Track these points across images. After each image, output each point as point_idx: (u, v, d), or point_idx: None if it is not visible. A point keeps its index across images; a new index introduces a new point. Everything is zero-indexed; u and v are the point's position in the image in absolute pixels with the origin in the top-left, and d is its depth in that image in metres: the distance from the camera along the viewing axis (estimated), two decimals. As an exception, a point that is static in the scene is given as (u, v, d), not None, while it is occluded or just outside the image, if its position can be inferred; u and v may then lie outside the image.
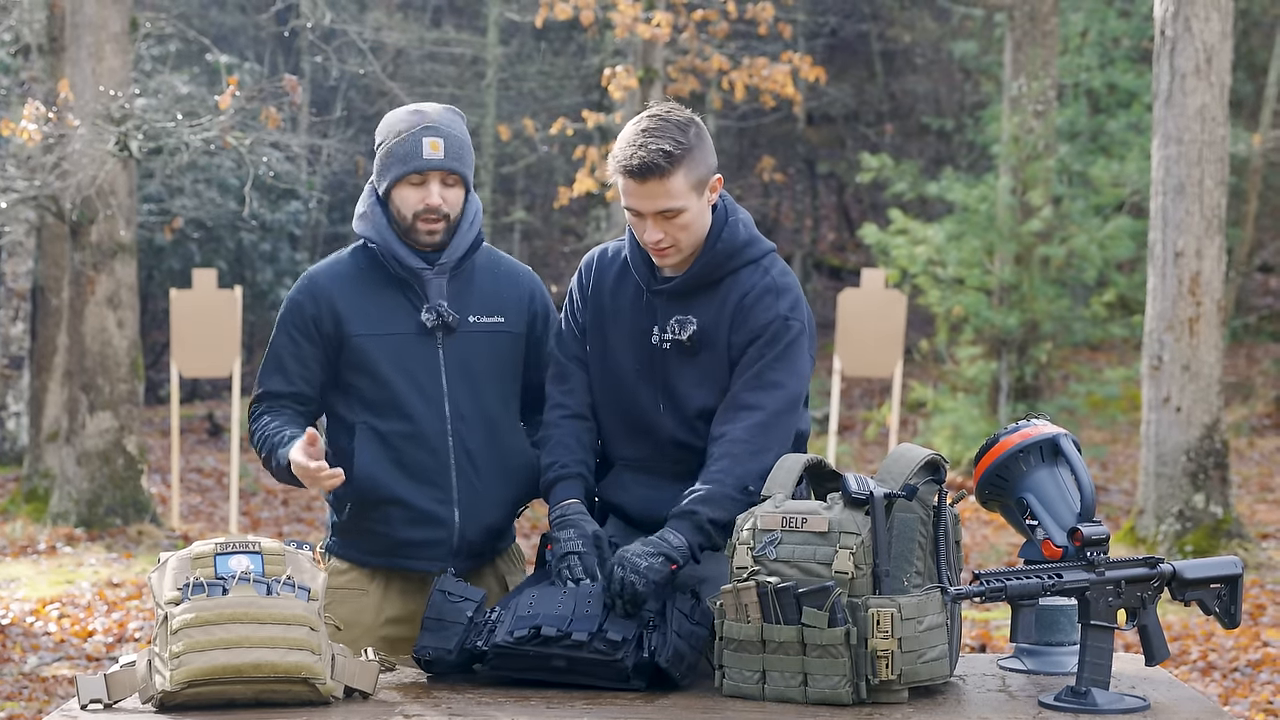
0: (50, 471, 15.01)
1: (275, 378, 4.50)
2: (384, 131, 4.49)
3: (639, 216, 4.22)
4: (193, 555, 3.87)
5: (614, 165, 4.22)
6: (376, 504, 4.41)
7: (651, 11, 15.34)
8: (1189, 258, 11.66)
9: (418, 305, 4.45)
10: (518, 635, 3.99)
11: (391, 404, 4.42)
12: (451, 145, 4.41)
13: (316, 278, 4.51)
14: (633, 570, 4.01)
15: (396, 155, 4.41)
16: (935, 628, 3.83)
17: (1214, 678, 8.84)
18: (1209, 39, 11.57)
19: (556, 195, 17.27)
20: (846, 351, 14.84)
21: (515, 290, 4.60)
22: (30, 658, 9.52)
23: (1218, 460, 11.77)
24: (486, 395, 4.49)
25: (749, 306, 4.26)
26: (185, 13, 23.18)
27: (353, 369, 4.45)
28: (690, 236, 4.24)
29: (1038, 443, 4.04)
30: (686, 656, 4.00)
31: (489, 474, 4.47)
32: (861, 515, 3.83)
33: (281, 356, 4.50)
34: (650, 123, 4.20)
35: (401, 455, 4.41)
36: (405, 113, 4.48)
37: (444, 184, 4.43)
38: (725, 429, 4.22)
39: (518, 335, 4.57)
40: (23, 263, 17.28)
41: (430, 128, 4.41)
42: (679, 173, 4.15)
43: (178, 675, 3.73)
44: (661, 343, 4.33)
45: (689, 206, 4.19)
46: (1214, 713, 3.85)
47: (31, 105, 12.24)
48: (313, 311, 4.46)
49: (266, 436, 4.44)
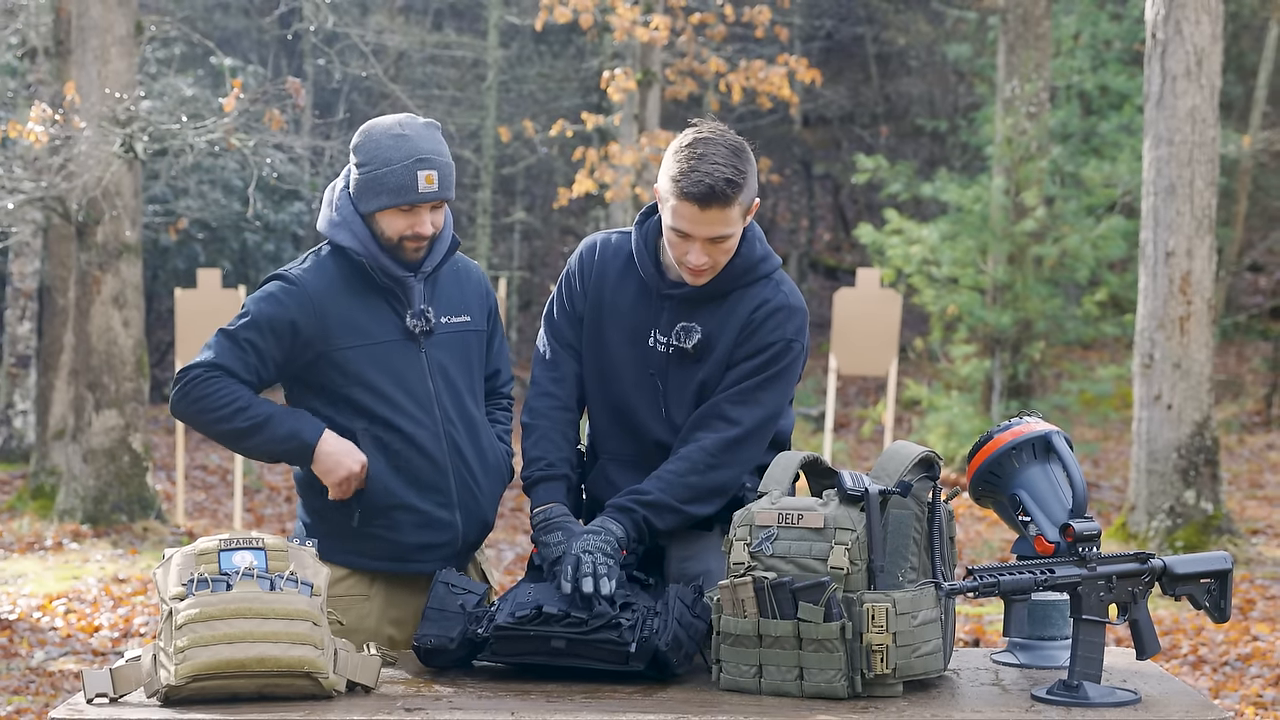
0: (57, 469, 15.05)
1: (236, 363, 4.37)
2: (369, 155, 4.38)
3: (685, 238, 4.16)
4: (197, 551, 3.88)
5: (671, 187, 4.12)
6: (385, 511, 4.40)
7: (650, 15, 15.34)
8: (1180, 257, 11.65)
9: (400, 312, 4.43)
10: (520, 615, 4.00)
11: (390, 411, 4.40)
12: (443, 175, 4.36)
13: (303, 285, 4.41)
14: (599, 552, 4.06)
15: (388, 185, 4.34)
16: (929, 622, 3.84)
17: (1204, 671, 8.85)
18: (1199, 42, 11.57)
19: (556, 196, 17.19)
20: (842, 350, 14.83)
21: (475, 288, 4.61)
22: (37, 652, 9.53)
23: (1208, 457, 11.76)
24: (464, 395, 4.52)
25: (759, 322, 4.26)
26: (190, 16, 23.09)
27: (343, 379, 4.40)
28: (727, 258, 4.22)
29: (1030, 440, 4.06)
30: (685, 645, 3.99)
31: (478, 473, 4.51)
32: (857, 511, 3.84)
33: (242, 346, 4.37)
34: (707, 148, 4.11)
35: (405, 462, 4.41)
36: (390, 138, 4.37)
37: (437, 209, 4.41)
38: (698, 434, 4.25)
39: (482, 333, 4.60)
40: (29, 263, 17.27)
41: (423, 160, 4.33)
42: (738, 202, 4.11)
43: (182, 670, 3.74)
44: (661, 346, 4.32)
45: (737, 233, 4.18)
46: (1204, 706, 3.84)
47: (38, 107, 12.24)
48: (294, 318, 4.37)
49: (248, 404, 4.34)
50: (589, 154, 15.72)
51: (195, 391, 4.35)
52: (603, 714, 3.75)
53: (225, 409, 4.35)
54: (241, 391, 4.36)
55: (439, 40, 25.01)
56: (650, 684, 4.00)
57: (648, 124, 15.97)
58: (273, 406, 4.39)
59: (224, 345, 4.38)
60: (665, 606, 4.00)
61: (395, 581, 4.48)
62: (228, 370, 4.35)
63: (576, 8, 15.25)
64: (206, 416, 4.37)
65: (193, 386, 4.35)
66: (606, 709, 3.79)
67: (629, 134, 16.66)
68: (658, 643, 3.95)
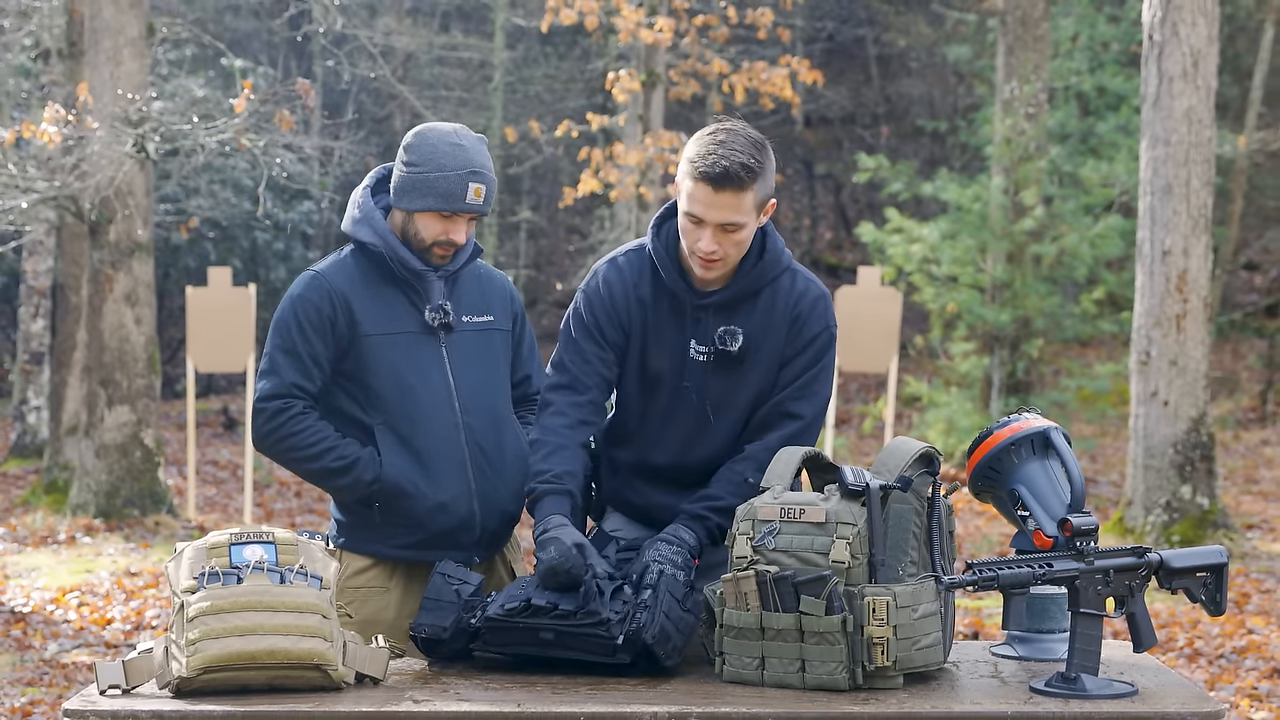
0: (70, 464, 15.07)
1: (299, 376, 4.43)
2: (423, 157, 4.44)
3: (697, 224, 4.16)
4: (208, 545, 3.89)
5: (688, 169, 4.14)
6: (404, 503, 4.45)
7: (654, 17, 15.37)
8: (1176, 256, 11.67)
9: (419, 305, 4.49)
10: (509, 608, 4.02)
11: (407, 402, 4.45)
12: (489, 190, 4.45)
13: (328, 278, 4.47)
14: (671, 566, 4.06)
15: (437, 189, 4.41)
16: (929, 615, 3.85)
17: (1200, 664, 8.86)
18: (1195, 43, 11.59)
19: (561, 195, 17.11)
20: (843, 347, 14.75)
21: (498, 291, 4.67)
22: (50, 644, 9.57)
23: (1204, 453, 11.78)
24: (486, 390, 4.55)
25: (805, 314, 4.30)
26: (201, 18, 23.12)
27: (367, 369, 4.45)
28: (738, 253, 4.21)
29: (1029, 436, 4.08)
30: (673, 638, 3.98)
31: (499, 465, 4.53)
32: (858, 506, 3.84)
33: (299, 354, 4.43)
34: (728, 136, 4.14)
35: (422, 453, 4.45)
36: (448, 145, 4.44)
37: (470, 220, 4.49)
38: (765, 435, 4.28)
39: (506, 332, 4.65)
40: (43, 261, 17.29)
41: (477, 173, 4.42)
42: (752, 189, 4.11)
43: (194, 662, 3.75)
44: (701, 356, 4.31)
45: (748, 224, 4.16)
46: (1200, 698, 3.82)
47: (52, 108, 12.33)
48: (329, 311, 4.43)
49: (335, 444, 4.44)
50: (594, 154, 15.68)
51: (282, 430, 4.45)
52: (607, 705, 3.75)
53: (314, 446, 4.45)
54: (327, 430, 4.45)
55: (446, 42, 24.98)
56: (654, 676, 4.00)
57: (652, 124, 15.97)
58: (360, 449, 4.46)
59: (280, 362, 4.46)
60: (655, 599, 3.99)
61: (416, 573, 4.51)
62: (297, 388, 4.44)
63: (582, 10, 15.27)
64: (296, 454, 4.47)
65: (278, 425, 4.45)
66: (611, 700, 3.79)
67: (633, 134, 16.70)
68: (644, 636, 3.94)
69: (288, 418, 4.44)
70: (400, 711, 3.76)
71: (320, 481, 4.53)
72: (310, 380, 4.46)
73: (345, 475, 4.45)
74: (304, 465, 4.49)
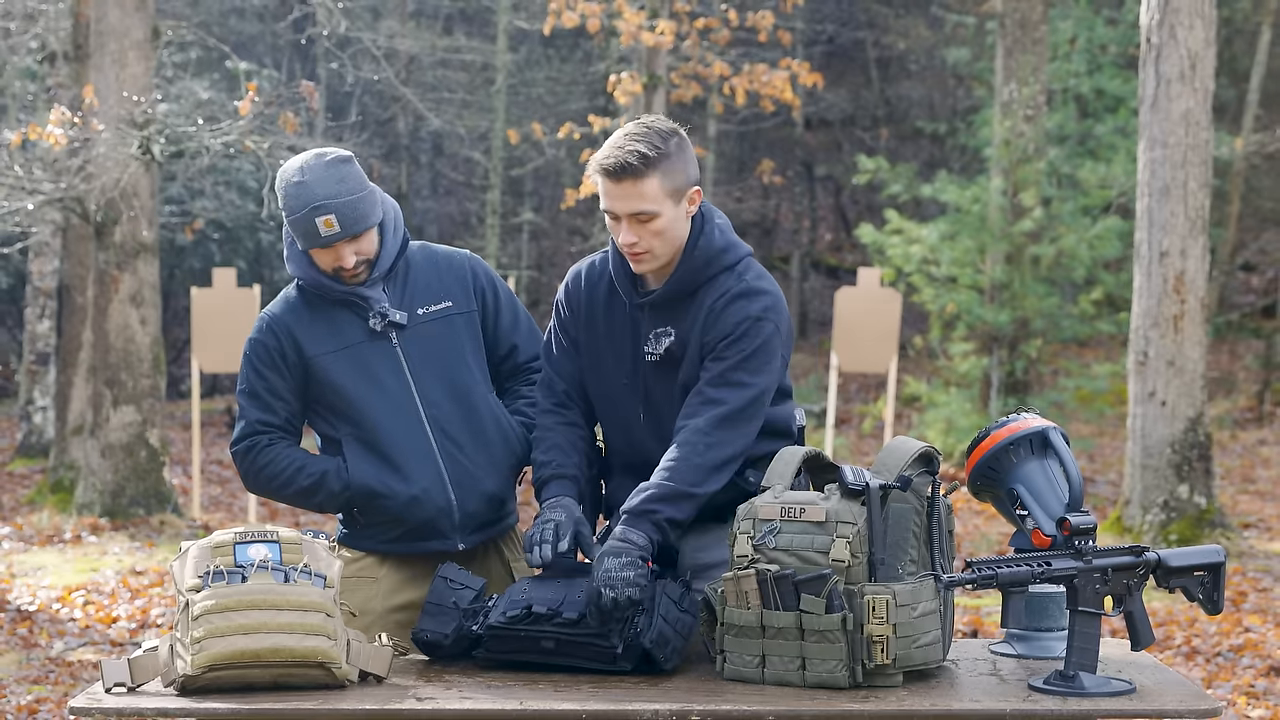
0: (75, 463, 15.08)
1: (261, 413, 4.57)
2: (281, 201, 4.50)
3: (615, 219, 4.17)
4: (213, 544, 3.93)
5: (593, 165, 4.18)
6: (379, 502, 4.53)
7: (655, 20, 15.41)
8: (1174, 257, 11.65)
9: (363, 315, 4.56)
10: (510, 615, 4.05)
11: (365, 409, 4.54)
12: (344, 215, 4.41)
13: (271, 315, 4.59)
14: (623, 585, 3.97)
15: (298, 230, 4.46)
16: (929, 614, 3.87)
17: (1198, 662, 8.83)
18: (1193, 46, 11.55)
19: (563, 197, 17.15)
20: (843, 348, 14.86)
21: (455, 273, 4.68)
22: (56, 643, 9.56)
23: (1201, 452, 11.75)
24: (451, 375, 4.59)
25: (719, 310, 4.20)
26: (205, 21, 23.09)
27: (323, 388, 4.55)
28: (665, 245, 4.18)
29: (1028, 436, 4.09)
30: (672, 641, 4.00)
31: (472, 447, 4.58)
32: (858, 505, 3.85)
33: (258, 393, 4.57)
34: (633, 128, 4.16)
35: (388, 453, 4.52)
36: (292, 187, 4.44)
37: (351, 241, 4.47)
38: (687, 421, 4.16)
39: (470, 313, 4.66)
40: (49, 262, 17.31)
41: (319, 207, 4.39)
42: (654, 176, 4.10)
43: (198, 660, 3.79)
44: (647, 355, 4.31)
45: (662, 212, 4.13)
46: (1197, 696, 3.84)
47: (57, 110, 12.36)
48: (275, 344, 4.55)
49: (304, 462, 4.57)
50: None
51: (255, 465, 4.60)
52: (609, 703, 3.79)
53: (285, 472, 4.59)
54: (294, 453, 4.59)
55: (449, 44, 24.91)
56: (655, 675, 4.01)
57: (653, 127, 16.04)
58: (327, 462, 4.58)
59: (244, 404, 4.61)
60: (652, 603, 4.00)
61: (405, 564, 4.60)
62: (265, 423, 4.59)
63: (584, 13, 15.32)
64: (274, 484, 4.61)
65: (250, 461, 4.60)
66: (613, 699, 3.82)
67: (634, 136, 16.72)
68: (643, 641, 3.96)
69: (256, 453, 4.60)
70: (404, 709, 3.80)
71: (303, 502, 4.64)
72: (273, 414, 4.59)
73: (319, 491, 4.58)
74: (283, 492, 4.63)
